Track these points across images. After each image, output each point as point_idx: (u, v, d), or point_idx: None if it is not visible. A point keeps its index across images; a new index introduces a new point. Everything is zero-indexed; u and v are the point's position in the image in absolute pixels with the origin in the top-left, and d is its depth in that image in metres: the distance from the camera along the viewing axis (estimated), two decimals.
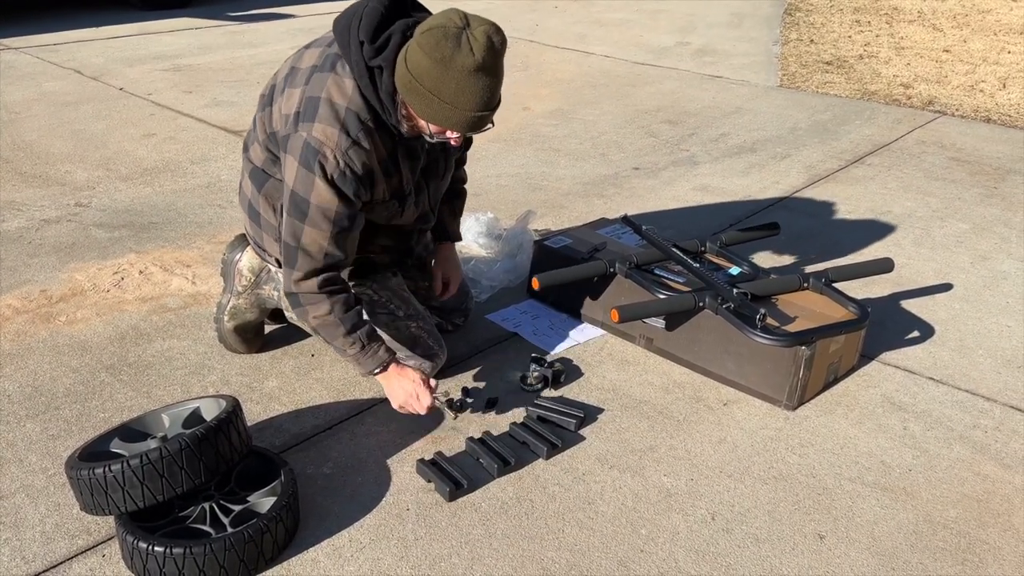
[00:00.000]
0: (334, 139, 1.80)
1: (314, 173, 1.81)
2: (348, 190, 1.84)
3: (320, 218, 1.85)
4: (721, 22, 6.59)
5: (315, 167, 1.81)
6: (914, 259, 3.01)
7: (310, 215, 1.85)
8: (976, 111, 4.68)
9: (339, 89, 1.83)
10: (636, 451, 2.01)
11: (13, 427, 2.02)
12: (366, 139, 1.83)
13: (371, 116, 1.84)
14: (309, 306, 1.93)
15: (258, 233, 2.16)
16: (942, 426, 2.14)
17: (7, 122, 4.08)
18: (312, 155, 1.81)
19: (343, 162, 1.81)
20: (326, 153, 1.80)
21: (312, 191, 1.83)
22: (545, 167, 3.76)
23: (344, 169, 1.82)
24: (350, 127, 1.81)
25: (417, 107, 1.77)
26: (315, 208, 1.84)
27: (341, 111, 1.82)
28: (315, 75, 1.86)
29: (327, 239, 1.87)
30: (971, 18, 6.71)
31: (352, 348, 1.96)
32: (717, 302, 2.21)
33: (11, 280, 2.68)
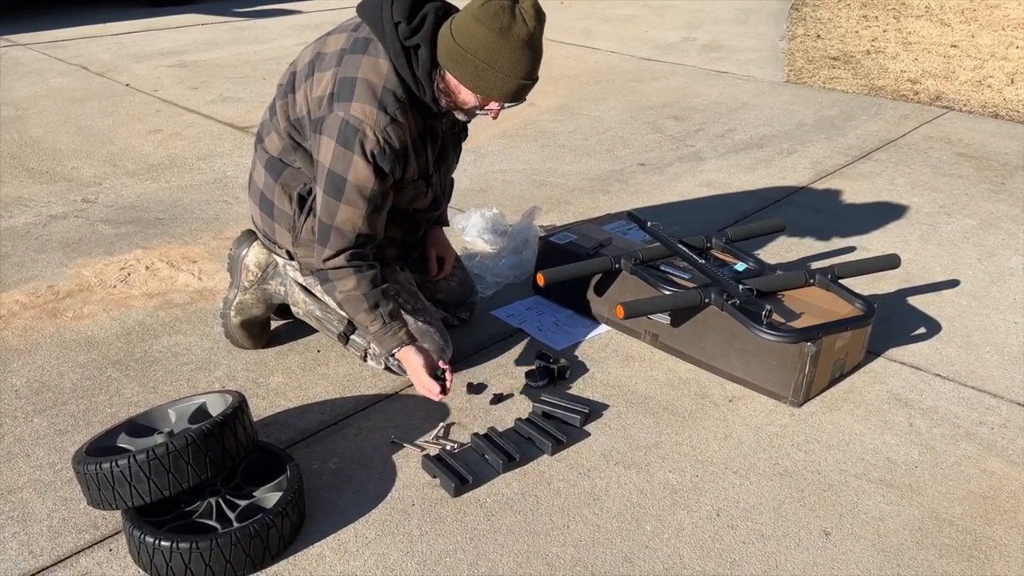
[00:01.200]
0: (372, 117, 1.84)
1: (353, 151, 1.85)
2: (386, 167, 1.89)
3: (356, 196, 1.89)
4: (727, 17, 6.57)
5: (355, 145, 1.85)
6: (921, 255, 3.00)
7: (346, 193, 1.89)
8: (984, 106, 4.66)
9: (374, 69, 1.87)
10: (641, 447, 2.01)
11: (21, 422, 2.03)
12: (402, 117, 1.88)
13: (405, 94, 1.89)
14: (337, 281, 1.97)
15: (269, 225, 2.16)
16: (948, 423, 2.14)
17: (14, 118, 4.10)
18: (352, 133, 1.84)
19: (382, 139, 1.85)
20: (366, 131, 1.84)
21: (350, 169, 1.87)
22: (551, 163, 3.75)
23: (384, 146, 1.86)
24: (388, 105, 1.86)
25: (468, 78, 1.83)
26: (351, 186, 1.88)
27: (378, 90, 1.86)
28: (346, 57, 1.90)
29: (361, 218, 1.92)
30: (979, 13, 6.68)
31: (373, 325, 1.99)
32: (723, 298, 2.21)
33: (18, 276, 2.69)
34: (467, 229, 2.95)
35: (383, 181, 1.91)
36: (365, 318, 1.98)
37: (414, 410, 2.11)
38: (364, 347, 2.22)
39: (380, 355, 2.15)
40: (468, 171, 3.62)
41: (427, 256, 2.36)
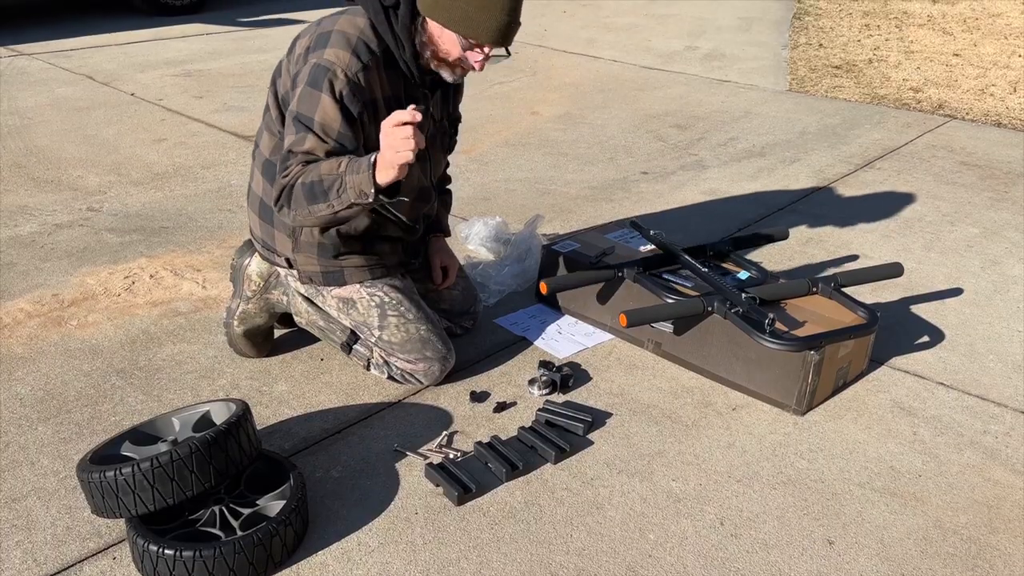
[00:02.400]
0: (345, 60, 1.86)
1: (321, 90, 1.85)
2: (353, 109, 1.88)
3: (322, 133, 1.87)
4: (730, 26, 6.59)
5: (323, 84, 1.85)
6: (924, 263, 3.00)
7: (314, 129, 1.86)
8: (986, 115, 4.67)
9: (351, 23, 1.92)
10: (644, 456, 2.01)
11: (25, 430, 2.04)
12: (375, 68, 1.89)
13: (382, 53, 1.91)
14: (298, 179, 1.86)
15: (268, 233, 2.17)
16: (952, 431, 2.14)
17: (20, 127, 4.12)
18: (322, 73, 1.86)
19: (352, 80, 1.86)
20: (336, 72, 1.86)
21: (317, 108, 1.86)
22: (553, 171, 3.76)
23: (353, 89, 1.87)
24: (361, 53, 1.88)
25: (449, 19, 1.85)
26: (318, 124, 1.87)
27: (353, 39, 1.89)
28: (324, 20, 1.96)
29: (316, 137, 1.87)
30: (981, 22, 6.69)
31: (339, 166, 1.82)
32: (726, 307, 2.21)
33: (23, 284, 2.70)
34: (470, 238, 2.95)
35: (350, 125, 1.88)
36: (327, 166, 1.84)
37: (417, 419, 2.12)
38: (367, 356, 2.23)
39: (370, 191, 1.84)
40: (471, 180, 3.63)
41: (431, 265, 2.37)
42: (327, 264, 2.15)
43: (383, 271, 2.19)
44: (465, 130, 4.17)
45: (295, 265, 2.17)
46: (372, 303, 2.17)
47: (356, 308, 2.18)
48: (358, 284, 2.17)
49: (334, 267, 2.15)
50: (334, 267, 2.15)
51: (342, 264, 2.15)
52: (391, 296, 2.17)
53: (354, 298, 2.18)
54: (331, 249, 2.12)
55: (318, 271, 2.16)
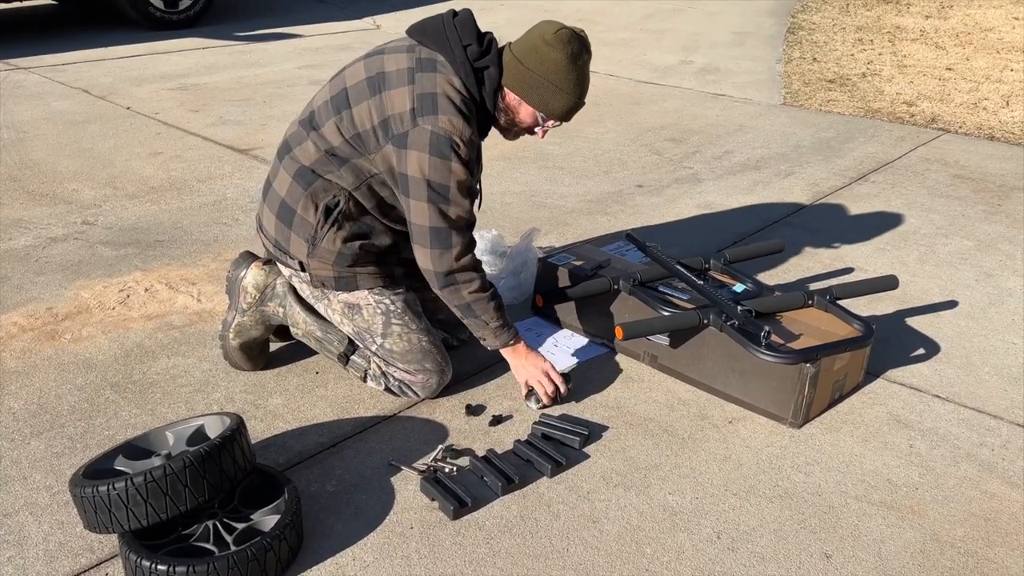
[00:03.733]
0: (459, 126, 2.00)
1: (450, 159, 2.00)
2: (473, 165, 2.07)
3: (460, 195, 2.04)
4: (724, 41, 6.63)
5: (450, 153, 2.00)
6: (919, 276, 3.01)
7: (452, 195, 2.03)
8: (979, 129, 4.69)
9: (450, 85, 2.02)
10: (641, 469, 2.00)
11: (18, 445, 2.02)
12: (474, 125, 2.06)
13: (475, 113, 2.07)
14: (463, 284, 2.09)
15: (284, 235, 2.17)
16: (948, 444, 2.13)
17: (15, 141, 4.12)
18: (445, 143, 1.99)
19: (468, 145, 2.02)
20: (455, 139, 2.00)
21: (451, 174, 2.02)
22: (549, 185, 3.77)
23: (471, 153, 2.04)
24: (470, 119, 2.04)
25: (536, 98, 2.05)
26: (456, 186, 2.03)
27: (458, 101, 2.02)
28: (418, 75, 2.04)
29: (467, 211, 2.07)
30: (973, 36, 6.74)
31: (496, 321, 2.14)
32: (721, 319, 2.21)
33: (17, 298, 2.70)
34: None
35: (473, 175, 2.07)
36: (492, 316, 2.13)
37: (413, 432, 2.11)
38: (364, 368, 2.22)
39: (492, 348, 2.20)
40: None
41: None
42: (341, 270, 2.16)
43: (391, 280, 2.23)
44: None
45: (308, 269, 2.17)
46: (378, 310, 2.17)
47: (361, 314, 2.18)
48: (367, 290, 2.18)
49: (347, 273, 2.17)
50: (347, 273, 2.17)
51: (356, 271, 2.17)
52: (396, 305, 2.18)
53: (360, 303, 2.18)
54: (348, 258, 2.15)
55: (331, 276, 2.16)
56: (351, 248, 2.13)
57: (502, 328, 2.15)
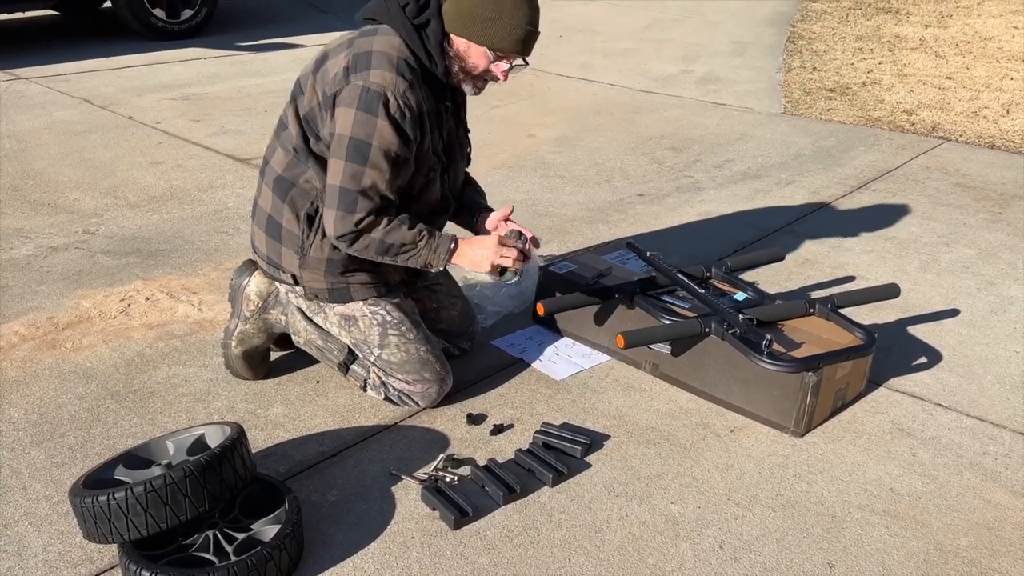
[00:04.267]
0: (392, 82, 1.93)
1: (376, 115, 1.93)
2: (408, 129, 1.96)
3: (381, 159, 1.96)
4: (724, 51, 6.65)
5: (378, 109, 1.92)
6: (920, 284, 3.00)
7: (371, 156, 1.95)
8: (980, 137, 4.70)
9: (388, 43, 1.99)
10: (643, 478, 1.99)
11: (18, 454, 2.02)
12: (417, 84, 1.97)
13: (420, 70, 1.99)
14: (368, 229, 1.99)
15: (275, 249, 2.17)
16: (951, 453, 2.13)
17: (17, 151, 4.12)
18: (375, 98, 1.92)
19: (402, 103, 1.94)
20: (387, 95, 1.93)
21: (375, 133, 1.94)
22: (550, 193, 3.77)
23: (404, 109, 1.95)
24: (404, 72, 1.96)
25: (477, 34, 1.96)
26: (377, 150, 1.95)
27: (394, 59, 1.96)
28: (357, 40, 2.01)
29: (385, 181, 1.98)
30: (973, 45, 6.75)
31: (421, 238, 2.03)
32: (723, 328, 2.20)
33: (18, 307, 2.69)
34: None
35: (406, 144, 1.98)
36: (410, 235, 2.02)
37: (414, 441, 2.10)
38: (364, 377, 2.22)
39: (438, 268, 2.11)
40: None
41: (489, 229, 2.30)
42: (333, 281, 2.15)
43: (387, 289, 2.20)
44: None
45: (301, 282, 2.17)
46: (374, 321, 2.16)
47: (357, 325, 2.18)
48: (361, 301, 2.17)
49: (340, 284, 2.15)
50: (340, 284, 2.15)
51: (348, 281, 2.15)
52: (393, 315, 2.17)
53: (356, 315, 2.17)
54: (339, 266, 2.13)
55: (324, 288, 2.16)
56: (339, 254, 2.11)
57: (431, 239, 2.04)
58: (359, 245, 2.02)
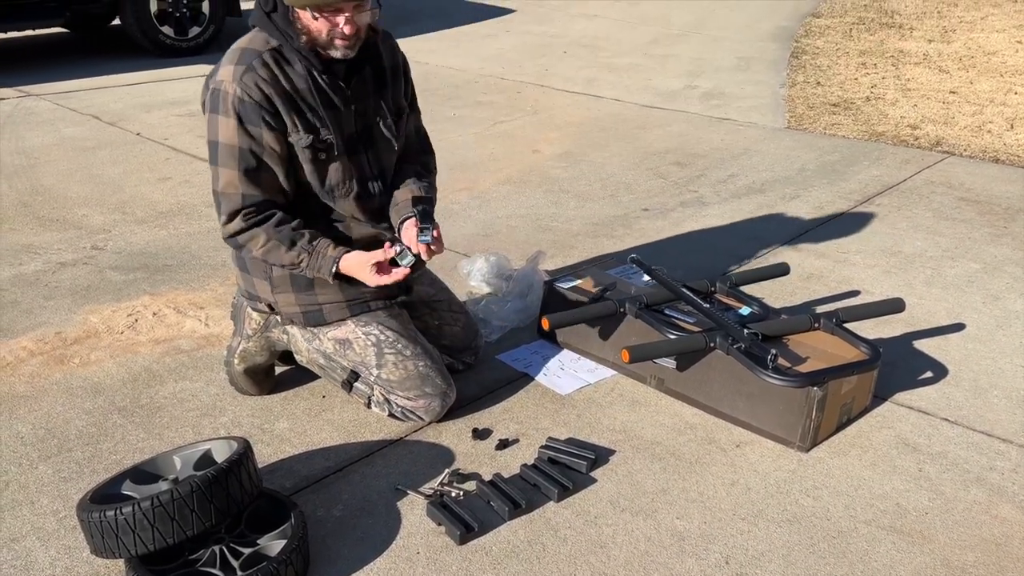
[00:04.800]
0: (230, 73, 1.92)
1: (218, 112, 1.92)
2: (249, 118, 1.92)
3: (227, 156, 1.94)
4: (728, 66, 6.68)
5: (219, 105, 1.92)
6: (925, 299, 3.00)
7: (218, 155, 1.94)
8: (984, 151, 4.70)
9: (242, 40, 1.98)
10: (648, 494, 1.99)
11: (26, 469, 2.03)
12: (262, 67, 1.93)
13: (274, 51, 1.96)
14: (249, 243, 2.00)
15: (249, 282, 2.20)
16: (958, 468, 2.12)
17: (26, 167, 4.16)
18: (216, 96, 1.93)
19: (239, 89, 1.91)
20: (225, 88, 1.91)
21: (218, 129, 1.93)
22: (555, 208, 3.79)
23: (242, 95, 1.91)
24: (245, 59, 1.94)
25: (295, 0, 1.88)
26: (222, 147, 1.93)
27: (237, 52, 1.96)
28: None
29: (238, 178, 1.94)
30: (977, 60, 6.77)
31: (301, 260, 2.00)
32: (728, 342, 2.21)
33: (27, 322, 2.71)
34: (472, 274, 2.96)
35: (250, 137, 1.94)
36: (289, 258, 1.99)
37: (419, 456, 2.10)
38: (367, 394, 2.22)
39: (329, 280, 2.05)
40: (473, 216, 3.65)
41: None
42: (304, 301, 2.15)
43: (363, 307, 2.17)
44: (467, 168, 4.22)
45: (276, 308, 2.18)
46: (368, 342, 2.16)
47: (353, 348, 2.18)
48: (352, 324, 2.17)
49: (311, 305, 2.15)
50: (311, 305, 2.15)
51: (319, 300, 2.14)
52: (386, 334, 2.17)
53: (350, 338, 2.18)
54: (303, 279, 2.12)
55: (298, 311, 2.17)
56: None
57: (312, 261, 1.99)
58: (244, 254, 2.04)
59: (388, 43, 2.19)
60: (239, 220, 1.98)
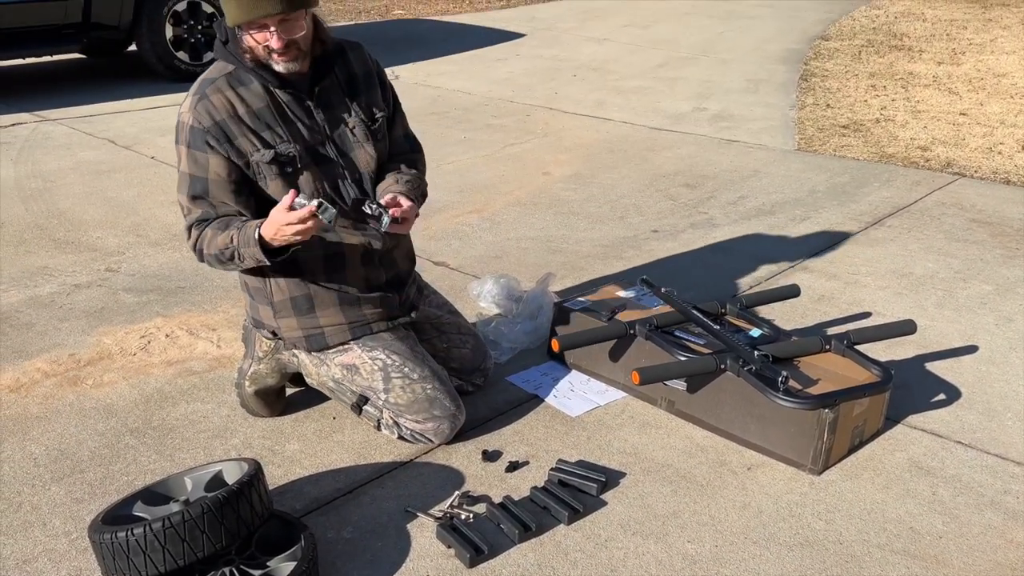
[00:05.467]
0: (188, 104, 2.01)
1: (178, 143, 2.02)
2: (194, 143, 1.99)
3: (181, 182, 2.04)
4: (737, 88, 6.71)
5: (178, 135, 2.02)
6: (937, 320, 2.99)
7: (179, 181, 2.04)
8: (995, 173, 4.69)
9: (206, 72, 2.06)
10: (659, 517, 1.98)
11: (39, 490, 2.04)
12: (215, 94, 2.00)
13: (229, 75, 2.02)
14: (204, 245, 2.04)
15: (254, 308, 2.24)
16: (972, 491, 2.10)
17: (43, 191, 4.21)
18: (178, 127, 2.03)
19: (192, 118, 1.99)
20: (182, 119, 2.01)
21: (178, 160, 2.03)
22: (564, 230, 3.80)
23: (194, 123, 1.99)
24: (200, 89, 2.02)
25: (227, 18, 1.95)
26: (180, 175, 2.03)
27: (197, 84, 2.04)
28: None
29: (187, 204, 2.05)
30: (987, 82, 6.77)
31: (231, 238, 1.98)
32: (739, 364, 2.20)
33: (41, 344, 2.74)
34: (482, 295, 2.98)
35: (196, 163, 2.00)
36: (223, 239, 1.99)
37: (429, 478, 2.10)
38: (377, 417, 2.23)
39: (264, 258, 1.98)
40: (483, 238, 3.67)
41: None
42: (306, 324, 2.17)
43: (365, 330, 2.19)
44: (477, 190, 4.24)
45: (279, 334, 2.20)
46: (375, 367, 2.17)
47: (360, 373, 2.19)
48: (358, 349, 2.18)
49: (313, 329, 2.17)
50: (313, 329, 2.17)
51: (320, 323, 2.17)
52: (393, 358, 2.18)
53: (356, 364, 2.19)
54: (304, 301, 2.15)
55: (301, 336, 2.18)
56: (300, 288, 2.14)
57: (241, 232, 1.96)
58: (207, 262, 2.08)
59: (357, 52, 2.21)
60: (194, 230, 2.05)
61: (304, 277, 2.14)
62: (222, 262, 2.03)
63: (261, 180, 2.04)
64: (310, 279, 2.15)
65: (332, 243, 2.13)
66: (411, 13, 9.93)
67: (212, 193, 2.02)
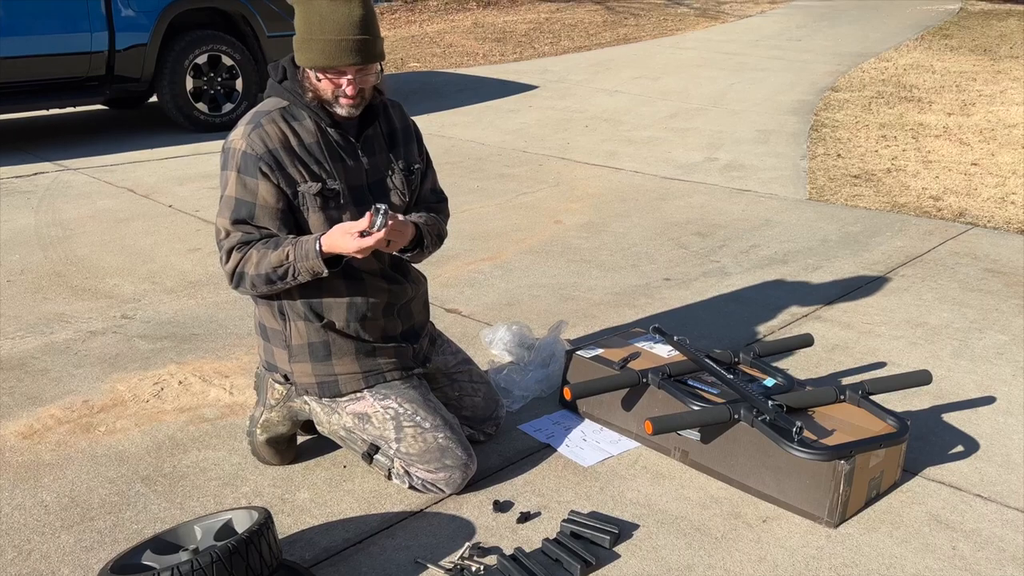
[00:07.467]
0: (240, 132, 2.04)
1: (227, 168, 2.04)
2: (246, 168, 2.04)
3: (225, 206, 2.06)
4: (748, 138, 6.77)
5: (227, 162, 2.04)
6: (954, 371, 2.96)
7: (222, 204, 2.07)
8: (1008, 223, 4.69)
9: (257, 106, 2.11)
10: (673, 570, 1.95)
11: (48, 538, 2.03)
12: (270, 124, 2.05)
13: (283, 110, 2.08)
14: (245, 267, 2.05)
15: (268, 351, 2.24)
16: (993, 546, 2.06)
17: (62, 238, 4.28)
18: (227, 154, 2.06)
19: (246, 144, 2.03)
20: (234, 145, 2.04)
21: (224, 184, 2.05)
22: (576, 278, 3.81)
23: (247, 150, 2.02)
24: (255, 119, 2.07)
25: (302, 59, 2.02)
26: (224, 199, 2.06)
27: (251, 115, 2.08)
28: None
29: (225, 229, 2.07)
30: (997, 132, 6.80)
31: (287, 253, 2.01)
32: (752, 414, 2.19)
33: (56, 391, 2.75)
34: (494, 343, 2.98)
35: (246, 188, 2.04)
36: (277, 257, 2.01)
37: (440, 529, 2.08)
38: (388, 466, 2.22)
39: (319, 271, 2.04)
40: (495, 286, 3.68)
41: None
42: (320, 371, 2.17)
43: (379, 378, 2.20)
44: (490, 238, 4.27)
45: (292, 379, 2.21)
46: (387, 416, 2.17)
47: (371, 422, 2.19)
48: (370, 398, 2.18)
49: (327, 376, 2.18)
50: (327, 376, 2.18)
51: (335, 371, 2.17)
52: (404, 407, 2.18)
53: (368, 412, 2.19)
54: (321, 349, 2.16)
55: (313, 382, 2.19)
56: (320, 335, 2.15)
57: (297, 247, 2.01)
58: (246, 285, 2.08)
59: (397, 108, 2.31)
60: (235, 253, 2.07)
61: (324, 324, 2.16)
62: (270, 281, 2.05)
63: (304, 211, 2.09)
64: (330, 327, 2.16)
65: (359, 290, 2.16)
66: (426, 65, 10.13)
67: (257, 217, 2.06)
